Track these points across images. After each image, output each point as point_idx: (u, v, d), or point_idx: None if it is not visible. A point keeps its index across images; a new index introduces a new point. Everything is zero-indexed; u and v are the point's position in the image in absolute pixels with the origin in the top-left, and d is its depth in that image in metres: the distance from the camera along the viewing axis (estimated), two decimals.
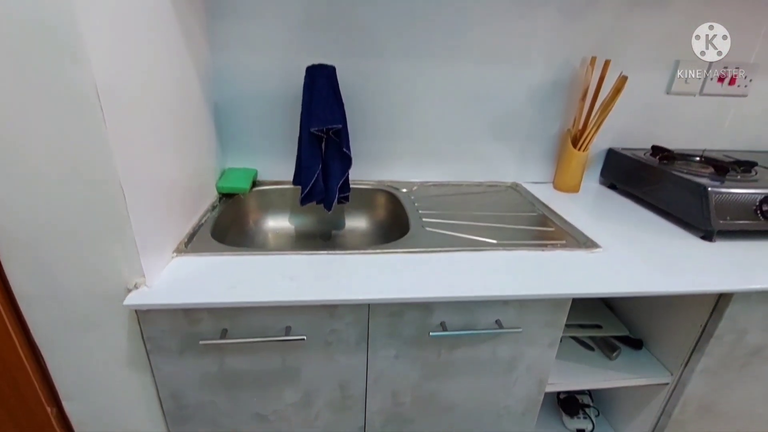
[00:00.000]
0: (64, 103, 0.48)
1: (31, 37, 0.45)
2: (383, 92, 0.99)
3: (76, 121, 0.49)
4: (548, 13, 0.96)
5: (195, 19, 0.82)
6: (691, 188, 0.85)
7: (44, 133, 0.49)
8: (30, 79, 0.46)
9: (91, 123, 0.49)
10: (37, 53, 0.45)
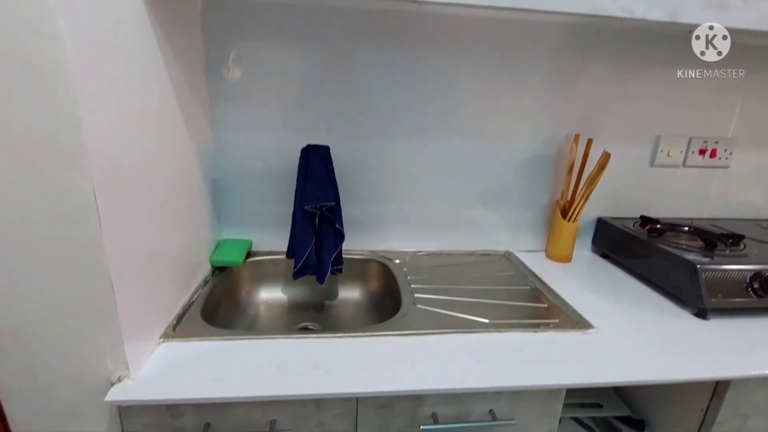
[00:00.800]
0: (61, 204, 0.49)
1: (35, 144, 0.47)
2: (377, 167, 1.03)
3: (70, 217, 0.50)
4: (533, 93, 1.01)
5: (198, 103, 0.87)
6: (681, 264, 0.86)
7: (35, 227, 0.50)
8: (28, 180, 0.48)
9: (86, 222, 0.50)
10: (38, 158, 0.47)
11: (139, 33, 0.62)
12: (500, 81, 0.99)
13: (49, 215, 0.50)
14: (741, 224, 1.13)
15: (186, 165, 0.81)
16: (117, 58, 0.55)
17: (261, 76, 0.93)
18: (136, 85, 0.60)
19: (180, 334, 0.70)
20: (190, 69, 0.82)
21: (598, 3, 0.68)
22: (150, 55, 0.65)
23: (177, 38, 0.75)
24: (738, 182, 1.17)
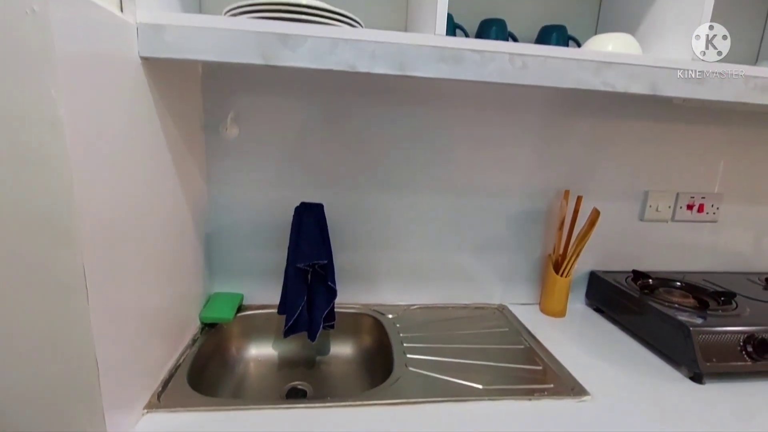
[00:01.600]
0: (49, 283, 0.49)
1: (28, 223, 0.47)
2: (370, 219, 1.03)
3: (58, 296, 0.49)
4: (524, 149, 1.04)
5: (194, 160, 0.88)
6: (674, 325, 0.86)
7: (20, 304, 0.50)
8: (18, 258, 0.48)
9: (74, 300, 0.50)
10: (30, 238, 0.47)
11: (139, 104, 0.63)
12: (492, 137, 1.02)
13: (36, 293, 0.49)
14: (731, 278, 1.14)
15: (179, 222, 0.81)
16: (115, 135, 0.56)
17: (257, 133, 0.95)
18: (133, 154, 0.62)
19: (165, 404, 0.68)
20: (187, 128, 0.84)
21: (582, 78, 0.71)
22: (148, 122, 0.67)
23: (176, 102, 0.77)
24: (726, 236, 1.19)
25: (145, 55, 0.62)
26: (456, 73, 0.68)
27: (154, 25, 0.61)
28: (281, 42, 0.63)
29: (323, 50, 0.64)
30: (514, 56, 0.68)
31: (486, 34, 0.90)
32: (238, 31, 0.62)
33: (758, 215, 1.20)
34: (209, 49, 0.62)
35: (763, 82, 0.76)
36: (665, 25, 0.81)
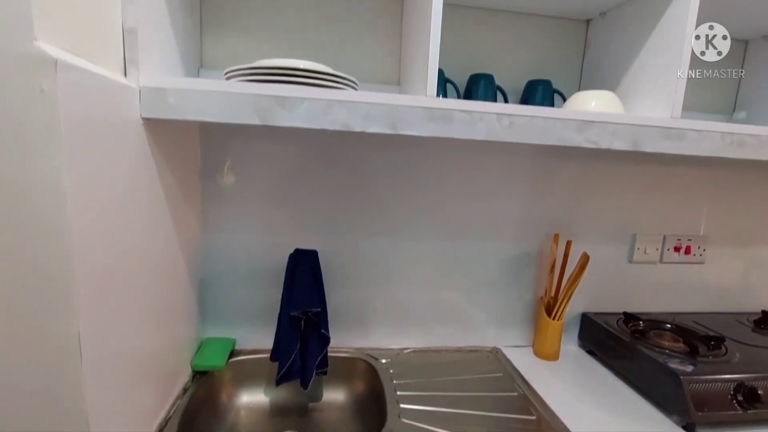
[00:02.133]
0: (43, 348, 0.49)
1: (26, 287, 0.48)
2: (364, 263, 1.05)
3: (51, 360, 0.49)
4: (513, 195, 1.07)
5: (190, 207, 0.90)
6: (665, 373, 0.86)
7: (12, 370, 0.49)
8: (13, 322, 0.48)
9: (67, 366, 0.50)
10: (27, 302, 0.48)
11: (139, 161, 0.65)
12: (483, 182, 1.05)
13: (30, 353, 0.49)
14: (721, 318, 1.16)
15: (173, 269, 0.82)
16: (115, 193, 0.58)
17: (254, 179, 0.97)
18: (131, 208, 0.63)
19: None
20: (185, 176, 0.85)
21: (566, 136, 0.74)
22: (147, 176, 0.68)
23: (174, 153, 0.79)
24: (714, 277, 1.21)
25: (147, 116, 0.64)
26: (446, 132, 0.71)
27: (157, 88, 0.64)
28: (278, 104, 0.66)
29: (319, 111, 0.67)
30: (502, 116, 0.72)
31: (475, 88, 0.94)
32: (237, 94, 0.65)
33: (743, 256, 1.22)
34: (209, 111, 0.65)
35: (739, 138, 0.80)
36: (644, 82, 0.86)
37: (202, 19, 0.91)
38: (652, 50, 0.84)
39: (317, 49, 0.95)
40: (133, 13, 0.62)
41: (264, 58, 0.93)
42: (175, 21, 0.77)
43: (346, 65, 0.97)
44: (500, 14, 1.00)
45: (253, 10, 0.92)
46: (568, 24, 1.03)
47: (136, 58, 0.63)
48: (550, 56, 1.03)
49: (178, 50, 0.80)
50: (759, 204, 1.20)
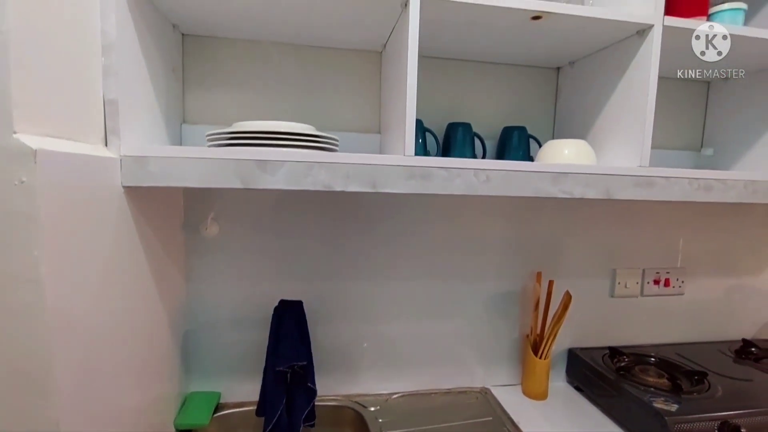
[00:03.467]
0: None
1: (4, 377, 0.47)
2: (350, 308, 1.04)
3: None
4: (496, 235, 1.09)
5: (173, 261, 0.89)
6: (651, 414, 0.87)
7: None
8: None
9: None
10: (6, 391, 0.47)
11: (119, 227, 0.65)
12: (467, 224, 1.07)
13: None
14: (702, 349, 1.18)
15: (155, 325, 0.81)
16: (95, 265, 0.58)
17: (237, 229, 0.97)
18: (112, 274, 0.62)
19: None
20: (167, 231, 0.85)
21: (541, 188, 0.77)
22: (129, 241, 0.68)
23: (157, 213, 0.79)
24: (693, 307, 1.24)
25: (128, 185, 0.65)
26: (425, 188, 0.73)
27: (138, 157, 0.64)
28: (259, 168, 0.67)
29: (300, 173, 0.68)
30: (479, 171, 0.74)
31: (453, 136, 0.96)
32: (218, 159, 0.66)
33: (721, 284, 1.26)
34: (191, 177, 0.66)
35: (705, 183, 0.84)
36: (613, 130, 0.89)
37: (185, 77, 0.92)
38: (619, 100, 0.88)
39: (298, 100, 0.98)
40: (114, 85, 0.63)
41: (246, 110, 0.95)
42: (157, 85, 0.78)
43: (327, 115, 0.99)
44: (475, 64, 1.04)
45: (235, 65, 0.94)
46: (540, 72, 1.08)
47: (117, 127, 0.64)
48: (525, 103, 1.07)
49: (160, 110, 0.81)
50: (732, 233, 1.24)
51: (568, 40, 0.89)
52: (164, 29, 0.83)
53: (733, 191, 0.85)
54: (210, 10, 0.80)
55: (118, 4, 0.64)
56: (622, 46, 0.86)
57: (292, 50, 0.96)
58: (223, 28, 0.89)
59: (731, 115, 1.12)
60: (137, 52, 0.70)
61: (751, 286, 1.28)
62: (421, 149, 0.94)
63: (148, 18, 0.74)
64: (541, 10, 0.74)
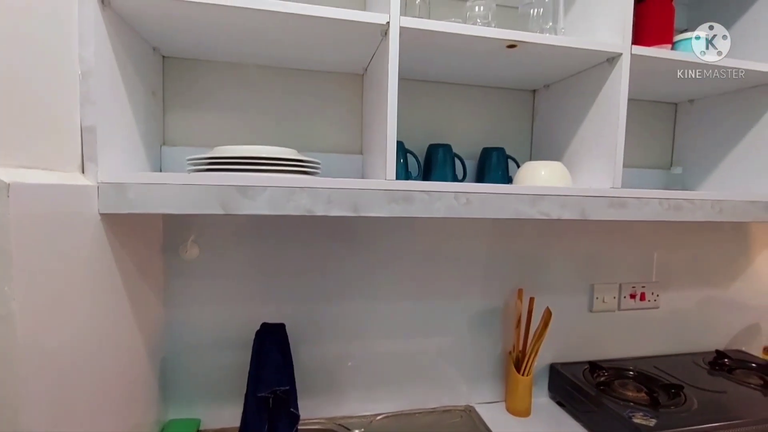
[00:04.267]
0: None
1: None
2: (333, 329, 1.04)
3: None
4: (478, 253, 1.10)
5: (151, 286, 0.87)
6: (631, 429, 0.88)
7: None
8: None
9: None
10: None
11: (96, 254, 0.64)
12: (449, 242, 1.08)
13: None
14: (679, 361, 1.22)
15: (131, 352, 0.79)
16: (69, 299, 0.56)
17: (218, 251, 0.96)
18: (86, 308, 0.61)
19: None
20: (145, 255, 0.84)
21: (520, 209, 0.79)
22: (106, 269, 0.67)
23: (135, 237, 0.78)
24: (668, 320, 1.27)
25: (105, 212, 0.64)
26: (407, 212, 0.74)
27: (116, 184, 0.64)
28: (241, 193, 0.67)
29: (281, 198, 0.68)
30: (459, 194, 0.76)
31: (434, 157, 0.98)
32: (198, 186, 0.66)
33: (694, 297, 1.30)
34: (171, 204, 0.65)
35: (675, 203, 0.87)
36: (587, 151, 0.92)
37: (165, 99, 0.92)
38: (592, 123, 0.91)
39: (281, 122, 0.98)
40: (92, 112, 0.63)
41: (228, 132, 0.95)
42: (136, 108, 0.78)
43: (309, 137, 1.00)
44: (454, 87, 1.06)
45: (217, 88, 0.94)
46: (517, 94, 1.11)
47: (95, 154, 0.63)
48: (503, 124, 1.10)
49: (139, 133, 0.80)
50: (703, 248, 1.29)
51: (543, 65, 0.92)
52: (145, 52, 0.83)
53: (701, 211, 0.89)
54: (192, 35, 0.80)
55: (98, 30, 0.64)
56: (594, 71, 0.89)
57: (275, 73, 0.97)
58: (205, 50, 0.89)
59: (698, 135, 1.17)
60: (116, 78, 0.70)
61: (723, 298, 1.32)
62: (403, 170, 0.95)
63: (128, 42, 0.74)
64: (516, 39, 0.77)
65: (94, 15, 0.63)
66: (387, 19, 0.71)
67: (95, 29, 0.63)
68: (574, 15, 0.95)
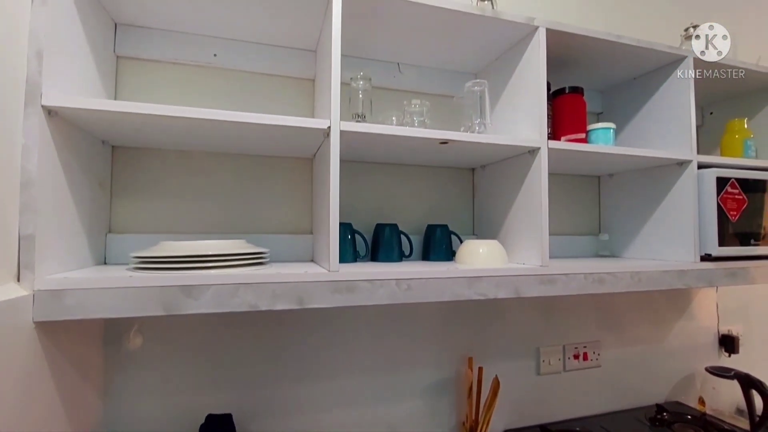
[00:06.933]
0: None
1: None
2: (283, 412, 1.02)
3: None
4: (426, 327, 1.14)
5: (89, 382, 0.84)
6: None
7: None
8: None
9: None
10: None
11: (28, 362, 0.62)
12: (398, 318, 1.11)
13: None
14: (622, 418, 1.28)
15: None
16: None
17: (162, 340, 0.94)
18: (16, 421, 0.58)
19: None
20: (84, 352, 0.81)
21: (458, 292, 0.84)
22: (37, 375, 0.64)
23: (71, 338, 0.76)
24: (611, 377, 1.34)
25: (40, 320, 0.63)
26: (351, 301, 0.77)
27: (53, 291, 0.63)
28: (184, 293, 0.68)
29: (225, 295, 0.70)
30: (401, 281, 0.80)
31: (381, 236, 1.03)
32: (140, 288, 0.66)
33: (631, 355, 1.38)
34: (110, 307, 0.65)
35: (598, 276, 0.96)
36: (520, 230, 1.01)
37: (113, 187, 0.93)
38: (521, 204, 1.00)
39: (231, 206, 1.01)
40: (32, 221, 0.63)
41: (177, 219, 0.96)
42: (80, 203, 0.78)
43: (260, 219, 1.03)
44: (398, 167, 1.14)
45: (166, 175, 0.97)
46: (458, 172, 1.21)
47: (32, 262, 0.63)
48: (446, 199, 1.19)
49: (83, 226, 0.80)
50: (639, 304, 1.39)
51: (474, 155, 1.02)
52: (93, 146, 0.84)
53: (622, 282, 0.98)
54: (141, 133, 0.83)
55: (43, 139, 0.65)
56: (519, 159, 1.00)
57: (225, 158, 1.01)
58: (156, 141, 0.92)
59: (619, 205, 1.31)
60: (60, 182, 0.71)
61: (658, 353, 1.42)
62: (351, 251, 0.99)
63: (75, 141, 0.76)
64: (447, 138, 0.86)
65: (40, 125, 0.65)
66: (328, 124, 0.78)
67: (40, 139, 0.65)
68: (500, 108, 1.07)
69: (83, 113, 0.69)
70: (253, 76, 1.04)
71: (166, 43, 0.96)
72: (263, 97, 1.04)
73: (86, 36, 0.79)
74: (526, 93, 0.98)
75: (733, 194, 1.10)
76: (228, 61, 1.01)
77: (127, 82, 0.95)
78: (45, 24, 0.65)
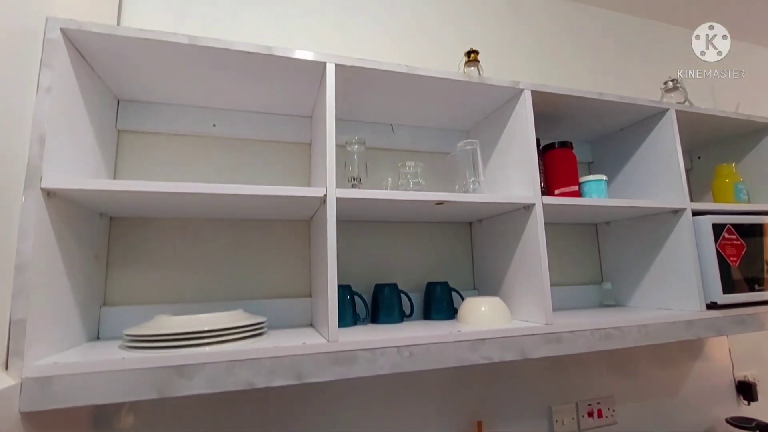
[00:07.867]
0: None
1: None
2: None
3: None
4: (433, 389, 1.09)
5: None
6: None
7: None
8: None
9: None
10: None
11: None
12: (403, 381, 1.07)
13: None
14: None
15: None
16: None
17: (155, 419, 0.89)
18: None
19: None
20: None
21: (462, 356, 0.81)
22: None
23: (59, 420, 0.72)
24: None
25: (27, 410, 0.60)
26: (351, 373, 0.74)
27: (41, 378, 0.61)
28: (177, 374, 0.66)
29: (221, 374, 0.68)
30: (402, 348, 0.78)
31: (381, 297, 1.02)
32: (131, 370, 0.64)
33: (648, 408, 1.32)
34: (100, 392, 0.62)
35: (605, 332, 0.93)
36: (520, 285, 0.99)
37: (109, 259, 0.92)
38: (520, 260, 0.99)
39: (229, 272, 1.00)
40: (24, 305, 0.62)
41: (174, 289, 0.95)
42: (74, 278, 0.77)
43: (258, 284, 1.02)
44: (396, 224, 1.15)
45: (164, 244, 0.96)
46: (456, 226, 1.21)
47: (21, 349, 0.61)
48: (445, 255, 1.18)
49: (75, 300, 0.78)
50: (651, 352, 1.34)
51: (470, 212, 1.03)
52: (90, 219, 0.85)
53: (630, 336, 0.96)
54: (140, 207, 0.84)
55: (40, 221, 0.65)
56: (515, 214, 1.00)
57: (223, 224, 1.01)
58: (153, 212, 0.92)
59: (619, 252, 1.30)
60: (55, 259, 0.70)
61: (675, 404, 1.35)
62: (351, 314, 0.97)
63: (73, 216, 0.76)
64: (442, 199, 0.87)
65: (38, 208, 0.65)
66: (324, 192, 0.79)
67: (37, 221, 0.65)
68: (492, 163, 1.09)
69: (82, 192, 0.70)
70: (252, 143, 1.07)
71: (166, 116, 0.99)
72: (262, 162, 1.07)
73: (89, 116, 0.81)
74: (517, 149, 1.00)
75: (730, 240, 1.10)
76: (227, 130, 1.04)
77: (127, 154, 0.97)
78: (48, 110, 0.67)
